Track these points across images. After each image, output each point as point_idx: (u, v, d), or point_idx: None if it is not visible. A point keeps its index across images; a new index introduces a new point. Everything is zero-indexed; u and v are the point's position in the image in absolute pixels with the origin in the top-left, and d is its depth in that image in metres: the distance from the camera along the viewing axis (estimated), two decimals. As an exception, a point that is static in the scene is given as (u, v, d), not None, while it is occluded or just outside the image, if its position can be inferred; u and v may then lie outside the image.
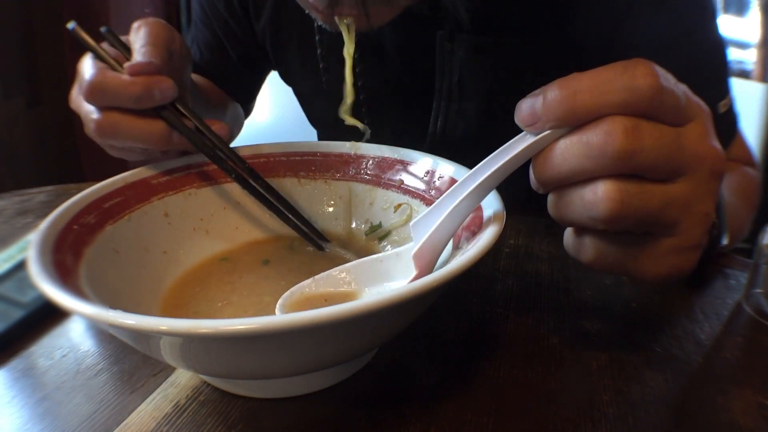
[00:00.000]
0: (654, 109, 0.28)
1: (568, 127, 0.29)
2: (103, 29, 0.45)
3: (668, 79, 0.28)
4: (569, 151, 0.29)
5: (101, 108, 0.42)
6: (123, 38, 0.46)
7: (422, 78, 0.60)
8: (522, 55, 0.56)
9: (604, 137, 0.28)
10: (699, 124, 0.30)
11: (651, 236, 0.31)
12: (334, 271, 0.37)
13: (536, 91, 0.30)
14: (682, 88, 0.29)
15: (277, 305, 0.34)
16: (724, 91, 0.58)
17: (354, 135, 0.66)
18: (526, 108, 0.30)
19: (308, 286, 0.36)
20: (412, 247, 0.34)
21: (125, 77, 0.41)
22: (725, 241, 0.45)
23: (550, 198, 0.32)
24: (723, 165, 0.31)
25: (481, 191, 0.32)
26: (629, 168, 0.28)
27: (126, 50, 0.44)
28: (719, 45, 0.58)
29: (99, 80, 0.41)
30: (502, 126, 0.42)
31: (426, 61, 0.58)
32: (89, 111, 0.42)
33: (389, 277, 0.36)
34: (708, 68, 0.58)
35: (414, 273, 0.34)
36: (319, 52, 0.62)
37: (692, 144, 0.29)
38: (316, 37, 0.62)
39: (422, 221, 0.34)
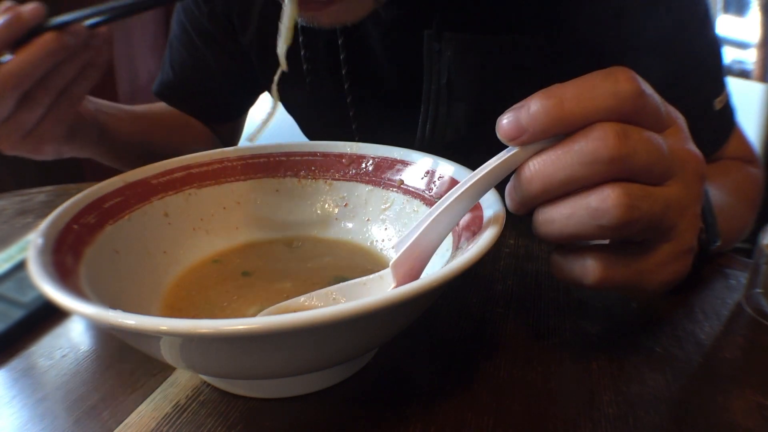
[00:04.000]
0: (637, 114, 0.28)
1: (555, 136, 0.29)
2: None
3: (646, 86, 0.29)
4: (561, 160, 0.29)
5: None
6: None
7: (410, 81, 0.59)
8: (512, 54, 0.56)
9: (596, 143, 0.28)
10: (677, 129, 0.31)
11: (650, 244, 0.31)
12: (322, 291, 0.36)
13: (516, 105, 0.30)
14: (658, 96, 0.30)
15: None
16: (720, 88, 0.59)
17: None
18: (508, 122, 0.30)
19: (295, 303, 0.36)
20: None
21: None
22: (718, 243, 0.45)
23: (541, 214, 0.31)
24: (704, 167, 0.31)
25: (461, 204, 0.32)
26: (623, 172, 0.28)
27: None
28: (714, 42, 0.58)
29: None
30: (492, 128, 0.42)
31: (414, 63, 0.57)
32: None
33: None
34: (703, 66, 0.58)
35: (392, 285, 0.34)
36: (302, 53, 0.62)
37: (675, 150, 0.30)
38: (300, 39, 0.61)
39: (405, 239, 0.34)
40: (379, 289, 0.35)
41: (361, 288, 0.36)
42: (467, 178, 0.32)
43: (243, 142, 0.84)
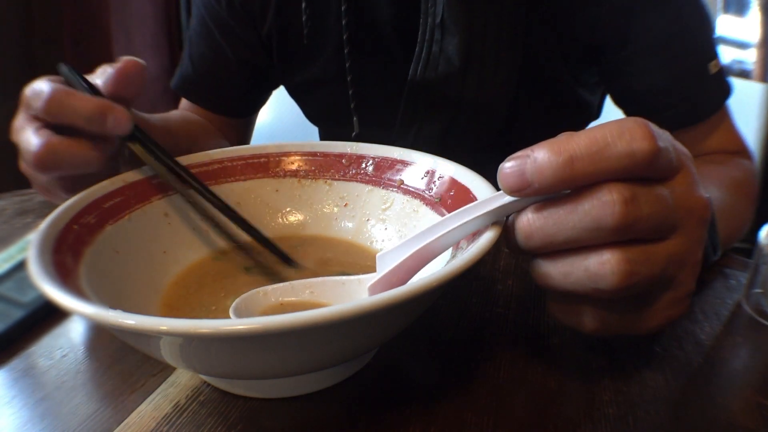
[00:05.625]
0: (650, 172, 0.28)
1: (561, 191, 0.29)
2: (62, 67, 0.45)
3: (662, 138, 0.28)
4: (564, 221, 0.28)
5: (45, 134, 0.41)
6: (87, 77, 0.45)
7: (406, 23, 0.62)
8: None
9: (602, 209, 0.27)
10: (686, 174, 0.30)
11: (648, 295, 0.30)
12: (297, 283, 0.36)
13: (519, 153, 0.29)
14: (670, 140, 0.29)
15: (231, 308, 0.33)
16: (713, 52, 0.62)
17: (347, 129, 0.68)
18: (511, 172, 0.28)
19: (270, 292, 0.35)
20: (372, 277, 0.34)
21: (85, 95, 0.42)
22: (719, 255, 0.45)
23: (539, 267, 0.31)
24: (709, 213, 0.31)
25: (449, 239, 0.32)
26: (627, 236, 0.28)
27: (89, 88, 0.43)
28: (702, 8, 0.62)
29: (60, 95, 0.41)
30: (480, 65, 0.49)
31: (411, 7, 0.61)
32: (30, 140, 0.41)
33: (349, 300, 0.36)
34: (694, 28, 0.61)
35: (366, 290, 0.34)
36: (303, 5, 0.64)
37: (682, 198, 0.29)
38: None
39: (388, 255, 0.34)
40: (355, 291, 0.35)
41: (339, 287, 0.36)
42: (455, 218, 0.32)
43: (264, 140, 0.85)
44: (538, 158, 0.28)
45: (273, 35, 0.70)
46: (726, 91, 0.63)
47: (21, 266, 0.46)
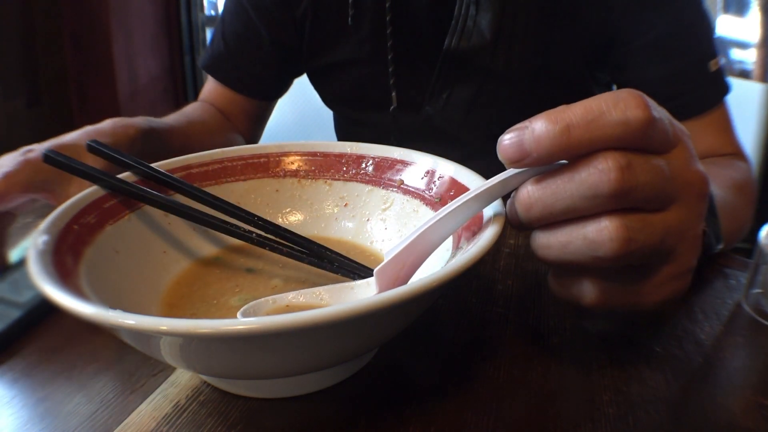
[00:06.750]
0: (645, 141, 0.28)
1: (558, 161, 0.29)
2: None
3: (657, 109, 0.28)
4: (562, 190, 0.28)
5: None
6: None
7: (441, 3, 0.66)
8: None
9: (599, 176, 0.27)
10: (683, 149, 0.30)
11: (648, 267, 0.31)
12: (306, 291, 0.36)
13: (519, 125, 0.29)
14: (666, 114, 0.29)
15: (240, 312, 0.33)
16: (714, 52, 0.65)
17: (375, 110, 0.70)
18: (510, 143, 0.29)
19: (279, 300, 0.35)
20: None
21: None
22: (721, 246, 0.45)
23: (539, 239, 0.31)
24: (708, 187, 0.31)
25: (458, 216, 0.32)
26: (624, 204, 0.28)
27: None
28: (702, 9, 0.65)
29: None
30: (509, 40, 0.60)
31: None
32: None
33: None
34: (695, 27, 0.65)
35: (375, 291, 0.34)
36: None
37: (679, 171, 0.29)
38: None
39: (393, 249, 0.34)
40: (365, 295, 0.35)
41: (348, 291, 0.36)
42: (460, 198, 0.32)
43: (264, 139, 0.86)
44: (536, 128, 0.28)
45: (308, 15, 0.72)
46: (724, 88, 0.65)
47: (19, 266, 0.46)
